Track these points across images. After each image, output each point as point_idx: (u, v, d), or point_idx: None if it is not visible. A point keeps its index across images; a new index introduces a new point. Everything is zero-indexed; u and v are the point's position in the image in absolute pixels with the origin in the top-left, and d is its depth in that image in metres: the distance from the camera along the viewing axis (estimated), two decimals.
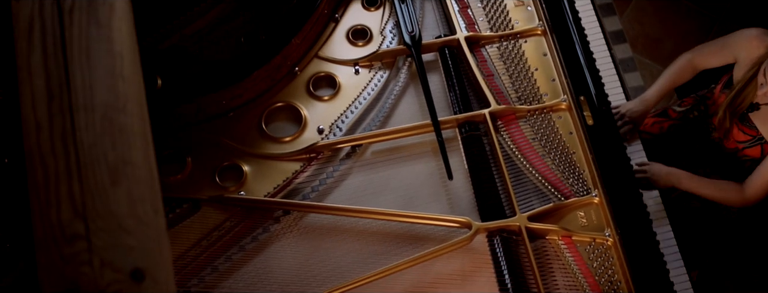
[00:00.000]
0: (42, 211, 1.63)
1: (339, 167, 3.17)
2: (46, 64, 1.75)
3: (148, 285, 1.56)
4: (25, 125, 1.73)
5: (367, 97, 3.28)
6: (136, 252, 1.58)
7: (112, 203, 1.62)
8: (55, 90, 1.71)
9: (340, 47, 3.41)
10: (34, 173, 1.67)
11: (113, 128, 1.69)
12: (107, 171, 1.64)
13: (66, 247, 1.58)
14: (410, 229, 3.04)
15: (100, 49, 1.77)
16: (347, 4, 3.50)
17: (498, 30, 3.42)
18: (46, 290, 1.56)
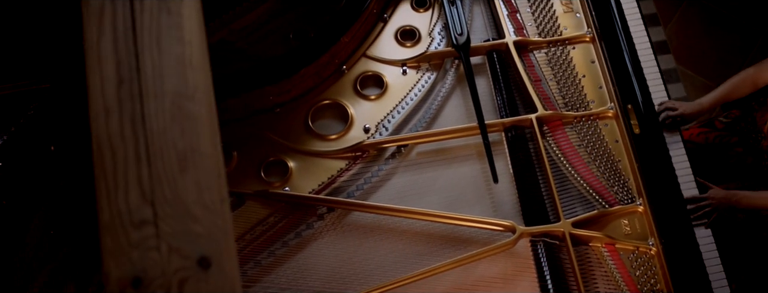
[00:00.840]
0: (109, 195, 1.63)
1: (384, 167, 3.16)
2: (116, 49, 1.75)
3: (213, 273, 1.56)
4: (93, 110, 1.73)
5: (414, 98, 3.28)
6: (203, 239, 1.58)
7: (180, 190, 1.61)
8: (124, 75, 1.72)
9: (388, 47, 3.41)
10: (101, 157, 1.67)
11: (182, 115, 1.69)
12: (176, 158, 1.64)
13: (133, 232, 1.58)
14: (453, 231, 3.04)
15: (171, 37, 1.77)
16: (396, 4, 3.50)
17: (546, 36, 3.42)
18: (113, 274, 1.56)
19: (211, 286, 1.56)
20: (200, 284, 1.55)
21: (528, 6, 3.49)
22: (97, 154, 1.67)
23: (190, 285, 1.55)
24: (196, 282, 1.55)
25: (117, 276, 1.56)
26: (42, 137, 3.21)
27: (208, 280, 1.56)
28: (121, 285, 1.55)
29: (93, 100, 1.72)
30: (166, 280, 1.54)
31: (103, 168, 1.65)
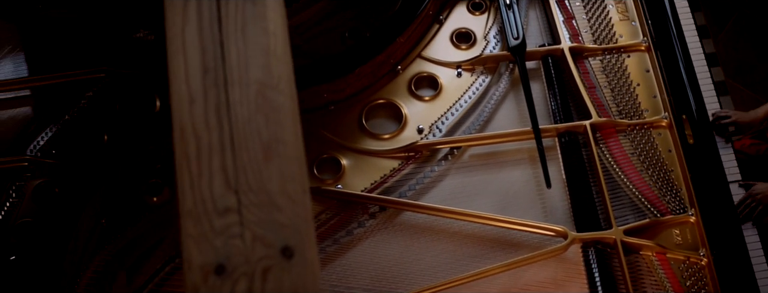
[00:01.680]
0: (192, 182, 1.63)
1: (436, 168, 3.17)
2: (201, 38, 1.76)
3: (296, 263, 1.56)
4: (176, 97, 1.73)
5: (468, 100, 3.29)
6: (286, 229, 1.58)
7: (264, 179, 1.62)
8: (209, 64, 1.72)
9: (443, 49, 3.42)
10: (184, 144, 1.67)
11: (267, 105, 1.69)
12: (260, 147, 1.64)
13: (217, 219, 1.58)
14: (505, 234, 3.04)
15: (256, 27, 1.78)
16: (452, 6, 3.51)
17: (602, 43, 3.42)
18: (195, 260, 1.56)
19: (294, 276, 1.56)
20: (283, 273, 1.56)
21: (584, 13, 3.49)
22: (180, 140, 1.68)
23: (274, 273, 1.55)
24: (279, 271, 1.55)
25: (200, 262, 1.57)
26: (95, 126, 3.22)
27: (291, 270, 1.56)
28: (203, 272, 1.55)
29: (176, 87, 1.72)
30: (250, 268, 1.55)
31: (186, 155, 1.65)
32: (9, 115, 3.38)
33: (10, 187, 3.18)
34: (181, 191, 1.60)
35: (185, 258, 1.56)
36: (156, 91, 3.32)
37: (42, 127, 3.31)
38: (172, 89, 1.70)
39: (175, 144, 1.66)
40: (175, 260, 3.00)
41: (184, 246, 1.57)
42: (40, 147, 3.24)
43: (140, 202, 3.13)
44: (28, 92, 3.43)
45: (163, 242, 3.03)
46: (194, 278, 1.53)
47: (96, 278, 2.98)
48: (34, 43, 3.53)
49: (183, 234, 1.58)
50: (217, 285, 1.50)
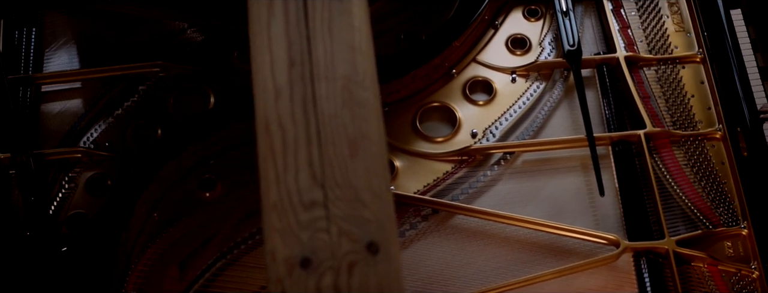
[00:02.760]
0: (278, 175, 1.64)
1: (489, 173, 3.17)
2: (287, 32, 1.77)
3: (381, 259, 1.57)
4: (260, 90, 1.74)
5: (522, 106, 3.28)
6: (372, 225, 1.59)
7: (350, 174, 1.63)
8: (296, 58, 1.73)
9: (498, 54, 3.42)
10: (269, 137, 1.68)
11: (353, 100, 1.70)
12: (346, 143, 1.65)
13: (303, 213, 1.59)
14: (556, 241, 3.03)
15: (342, 22, 1.79)
16: (508, 12, 3.52)
17: (657, 53, 3.41)
18: (280, 253, 1.57)
19: (379, 272, 1.57)
20: (369, 269, 1.56)
21: (639, 23, 3.48)
22: (265, 133, 1.69)
23: (359, 269, 1.56)
24: (364, 267, 1.56)
25: (285, 255, 1.57)
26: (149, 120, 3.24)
27: (376, 266, 1.57)
28: (288, 265, 1.56)
29: (260, 80, 1.73)
30: (336, 262, 1.55)
31: (271, 148, 1.66)
32: (63, 106, 3.40)
33: (63, 178, 3.19)
34: (265, 184, 1.61)
35: (268, 251, 1.57)
36: (210, 87, 3.32)
37: (95, 119, 3.32)
38: (256, 83, 1.71)
39: (259, 137, 1.67)
40: (227, 256, 3.00)
41: (268, 239, 1.58)
42: (94, 140, 3.26)
43: (193, 197, 3.13)
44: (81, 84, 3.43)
45: (215, 237, 3.04)
46: (278, 270, 1.54)
47: (147, 271, 2.98)
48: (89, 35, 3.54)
49: (266, 227, 1.59)
50: (303, 278, 1.51)
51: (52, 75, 3.43)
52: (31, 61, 3.46)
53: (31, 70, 3.45)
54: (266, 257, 1.61)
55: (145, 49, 3.48)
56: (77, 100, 3.42)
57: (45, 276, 2.93)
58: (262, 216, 1.65)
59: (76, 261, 2.92)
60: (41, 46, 3.53)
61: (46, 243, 3.00)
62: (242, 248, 3.03)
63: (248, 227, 3.07)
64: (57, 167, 3.24)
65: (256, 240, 3.05)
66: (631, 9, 3.54)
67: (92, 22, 3.58)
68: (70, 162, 3.25)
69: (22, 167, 3.14)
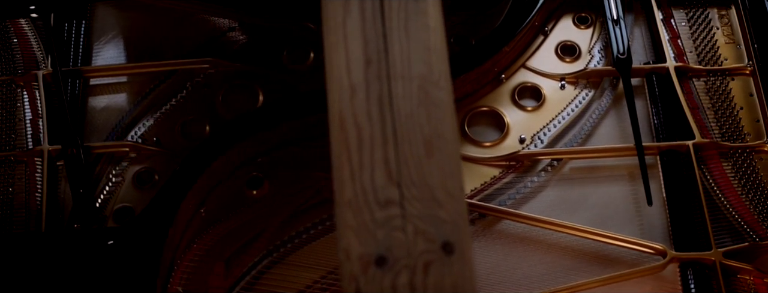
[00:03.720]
0: (353, 172, 1.64)
1: (536, 179, 3.17)
2: (363, 30, 1.77)
3: (456, 259, 1.57)
4: (335, 86, 1.75)
5: (571, 113, 3.28)
6: (447, 225, 1.59)
7: (426, 174, 1.62)
8: (372, 56, 1.73)
9: (548, 60, 3.42)
10: (344, 134, 1.68)
11: (429, 100, 1.70)
12: (422, 142, 1.65)
13: (378, 211, 1.59)
14: (602, 249, 3.03)
15: (418, 22, 1.79)
16: (558, 18, 3.51)
17: (706, 64, 3.39)
18: (355, 250, 1.57)
19: (454, 272, 1.57)
20: (444, 268, 1.56)
21: (689, 33, 3.48)
22: (339, 130, 1.69)
23: (435, 268, 1.56)
24: (440, 267, 1.56)
25: (359, 252, 1.57)
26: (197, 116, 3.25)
27: (451, 266, 1.57)
28: (363, 262, 1.56)
29: (336, 77, 1.74)
30: (412, 261, 1.55)
31: (346, 145, 1.66)
32: (110, 100, 3.42)
33: (110, 172, 3.20)
34: (339, 181, 1.61)
35: (343, 248, 1.57)
36: (259, 85, 3.33)
37: (143, 114, 3.33)
38: (331, 79, 1.71)
39: (333, 134, 1.67)
40: (273, 254, 3.00)
41: (342, 236, 1.58)
42: (141, 134, 3.27)
43: (240, 195, 3.14)
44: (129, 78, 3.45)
45: (262, 235, 3.04)
46: (353, 268, 1.54)
47: (193, 266, 2.99)
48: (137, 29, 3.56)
49: (340, 224, 1.59)
50: (378, 276, 1.50)
51: (101, 68, 3.45)
52: (80, 54, 3.47)
53: (80, 63, 3.46)
54: (340, 254, 1.61)
55: (192, 45, 3.48)
56: (125, 94, 3.44)
57: (91, 269, 2.93)
58: (336, 213, 1.65)
59: (123, 254, 2.92)
60: (90, 40, 3.54)
61: (93, 236, 3.00)
62: (288, 247, 3.04)
63: (295, 226, 3.08)
64: (104, 160, 3.24)
65: (302, 239, 3.05)
66: (681, 19, 3.53)
67: (141, 17, 3.58)
68: (118, 156, 3.24)
69: (71, 159, 3.15)
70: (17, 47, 3.50)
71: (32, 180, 3.20)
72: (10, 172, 3.22)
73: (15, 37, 3.52)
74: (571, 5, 3.54)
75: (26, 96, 3.39)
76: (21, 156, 3.25)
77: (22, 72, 3.44)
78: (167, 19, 3.56)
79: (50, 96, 3.39)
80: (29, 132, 3.30)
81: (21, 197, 3.19)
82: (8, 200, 3.18)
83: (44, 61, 3.45)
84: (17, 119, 3.34)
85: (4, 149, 3.27)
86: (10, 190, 3.19)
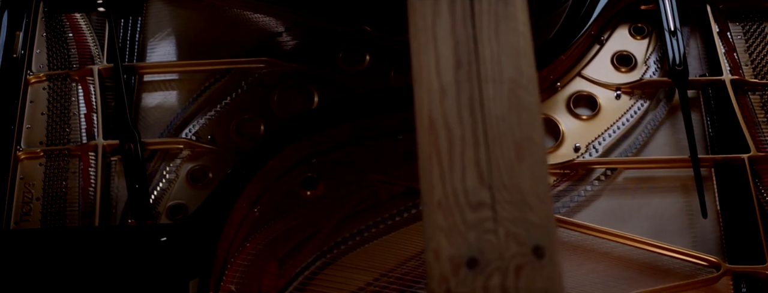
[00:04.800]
0: (443, 174, 1.64)
1: (590, 188, 3.16)
2: (453, 31, 1.77)
3: (546, 263, 1.57)
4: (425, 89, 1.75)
5: (626, 123, 3.28)
6: (537, 229, 1.58)
7: (517, 177, 1.62)
8: (463, 58, 1.73)
9: (603, 70, 3.42)
10: (434, 135, 1.69)
11: (519, 104, 1.70)
12: (513, 146, 1.65)
13: (470, 213, 1.59)
14: (655, 260, 3.03)
15: (508, 26, 1.79)
16: (614, 28, 3.50)
17: (762, 78, 3.38)
18: (445, 252, 1.57)
19: (545, 276, 1.57)
20: (535, 273, 1.56)
21: (745, 47, 3.46)
22: (429, 131, 1.69)
23: (526, 272, 1.56)
24: (531, 270, 1.56)
25: (450, 254, 1.57)
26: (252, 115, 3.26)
27: (542, 270, 1.57)
28: (454, 264, 1.56)
29: (424, 77, 1.74)
30: (504, 264, 1.55)
31: (436, 146, 1.66)
32: (164, 97, 3.43)
33: (164, 168, 3.21)
34: (429, 182, 1.62)
35: (432, 249, 1.57)
36: (315, 86, 3.33)
37: (198, 112, 3.34)
38: (419, 80, 1.71)
39: (421, 135, 1.67)
40: (327, 255, 3.01)
41: (432, 237, 1.58)
42: (196, 132, 3.28)
43: (294, 195, 3.14)
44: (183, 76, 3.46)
45: (316, 236, 3.05)
46: (443, 269, 1.54)
47: (246, 265, 3.00)
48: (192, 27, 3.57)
49: (430, 225, 1.59)
50: (470, 278, 1.51)
51: (156, 65, 3.46)
52: (135, 51, 3.48)
53: (135, 59, 3.47)
54: (428, 255, 1.61)
55: (246, 44, 3.49)
56: (179, 91, 3.45)
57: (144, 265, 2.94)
58: (424, 214, 1.65)
59: (176, 252, 2.93)
60: (145, 36, 3.55)
61: (147, 233, 3.01)
62: (342, 248, 3.04)
63: (349, 227, 3.08)
64: (158, 157, 3.25)
65: (356, 241, 3.06)
66: (738, 33, 3.52)
67: (194, 15, 3.59)
68: (172, 153, 3.25)
69: (128, 155, 3.16)
70: (72, 42, 3.52)
71: (86, 175, 3.21)
72: (64, 166, 3.23)
73: (70, 31, 3.53)
74: (627, 15, 3.53)
75: (81, 90, 3.39)
76: (75, 151, 3.24)
77: (77, 66, 3.43)
78: (221, 18, 3.57)
79: (105, 91, 3.38)
80: (83, 127, 3.31)
81: (74, 191, 3.19)
82: (62, 194, 3.18)
83: (99, 56, 3.45)
84: (71, 113, 3.34)
85: (59, 143, 3.28)
86: (64, 184, 3.19)
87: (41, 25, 3.56)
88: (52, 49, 3.51)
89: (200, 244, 2.93)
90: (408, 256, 3.04)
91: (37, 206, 3.19)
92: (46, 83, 3.43)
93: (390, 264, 3.03)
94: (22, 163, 3.27)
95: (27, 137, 3.33)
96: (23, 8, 3.53)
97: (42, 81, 3.44)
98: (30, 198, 3.20)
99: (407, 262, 3.03)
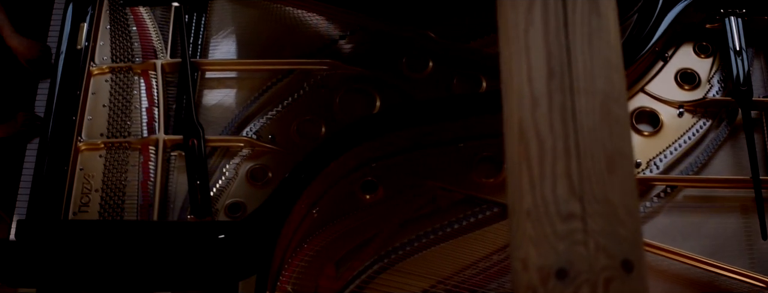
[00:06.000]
0: (533, 184, 1.63)
1: (649, 204, 3.15)
2: (546, 42, 1.77)
3: (634, 277, 1.56)
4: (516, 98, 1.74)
5: (688, 141, 3.26)
6: (626, 243, 1.58)
7: (608, 190, 1.61)
8: (555, 69, 1.73)
9: (666, 87, 3.40)
10: (525, 144, 1.68)
11: (611, 117, 1.69)
12: (604, 158, 1.64)
13: (560, 224, 1.58)
14: (713, 279, 3.03)
15: (600, 39, 1.78)
16: (678, 46, 3.48)
17: None
18: (534, 261, 1.57)
19: (632, 290, 1.56)
20: (624, 286, 1.55)
21: None
22: (519, 141, 1.68)
23: (615, 285, 1.55)
24: (620, 284, 1.55)
25: (539, 264, 1.57)
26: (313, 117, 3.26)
27: (630, 284, 1.56)
28: (542, 274, 1.56)
29: (515, 87, 1.73)
30: (593, 276, 1.54)
31: (526, 155, 1.66)
32: (224, 94, 3.44)
33: (224, 165, 3.22)
34: (518, 191, 1.61)
35: (519, 258, 1.57)
36: (377, 90, 3.33)
37: (259, 111, 3.35)
38: (509, 89, 1.71)
39: (510, 143, 1.67)
40: (384, 260, 3.01)
41: (519, 246, 1.58)
42: (257, 130, 3.28)
43: (352, 198, 3.14)
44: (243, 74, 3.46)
45: (373, 240, 3.05)
46: (531, 278, 1.53)
47: (303, 266, 3.00)
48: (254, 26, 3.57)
49: (518, 234, 1.58)
50: (559, 289, 1.50)
51: (220, 62, 3.47)
52: (198, 48, 3.49)
53: (198, 56, 3.47)
54: (515, 263, 1.61)
55: (309, 46, 3.49)
56: (240, 89, 3.45)
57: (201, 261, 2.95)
58: (511, 222, 1.65)
59: (234, 249, 2.94)
60: (208, 33, 3.56)
61: (206, 229, 3.02)
62: (400, 253, 3.05)
63: (407, 233, 3.08)
64: (219, 154, 3.26)
65: (413, 247, 3.05)
66: None
67: (258, 15, 3.60)
68: (233, 151, 3.26)
69: (191, 150, 3.17)
70: (136, 35, 3.53)
71: (145, 169, 3.22)
72: (124, 159, 3.24)
73: (134, 24, 3.54)
74: (692, 34, 3.50)
75: (143, 84, 3.41)
76: (135, 144, 3.26)
77: (140, 60, 3.44)
78: (284, 19, 3.57)
79: (166, 86, 3.40)
80: (144, 120, 3.33)
81: (133, 184, 3.21)
82: (121, 186, 3.19)
83: (163, 50, 3.46)
84: (133, 106, 3.35)
85: (119, 135, 3.29)
86: (124, 177, 3.21)
87: (105, 18, 3.57)
88: (115, 42, 3.52)
89: (259, 243, 2.94)
90: (465, 264, 3.04)
91: (95, 198, 3.20)
92: (108, 75, 3.44)
93: (447, 272, 3.03)
94: (82, 154, 3.29)
95: (88, 128, 3.34)
96: (88, 0, 3.53)
97: (105, 73, 3.45)
98: (89, 189, 3.21)
99: (464, 270, 3.03)
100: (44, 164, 3.18)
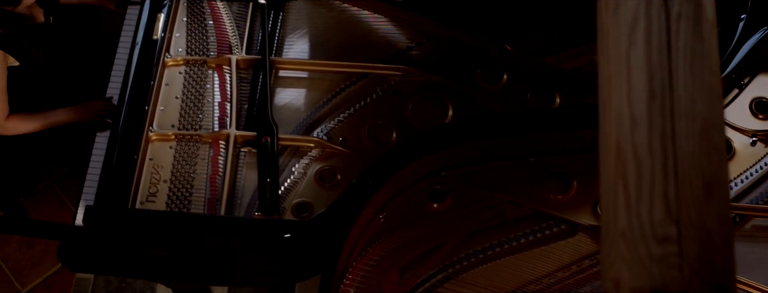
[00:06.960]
0: (629, 204, 1.63)
1: None
2: (648, 63, 1.76)
3: None
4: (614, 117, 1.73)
5: (760, 170, 3.24)
6: (721, 270, 1.57)
7: (705, 216, 1.61)
8: (656, 90, 1.72)
9: (740, 114, 3.37)
10: (622, 165, 1.67)
11: (710, 143, 1.68)
12: (702, 183, 1.63)
13: (655, 246, 1.58)
14: None
15: (702, 64, 1.77)
16: (755, 73, 3.45)
17: None
18: (626, 282, 1.56)
19: None
20: None
21: None
22: (616, 160, 1.68)
23: None
24: None
25: (632, 285, 1.56)
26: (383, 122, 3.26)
27: None
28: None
29: (615, 107, 1.73)
30: None
31: (623, 176, 1.65)
32: (297, 94, 3.44)
33: (294, 165, 3.22)
34: (612, 211, 1.60)
35: (611, 278, 1.57)
36: (450, 100, 3.33)
37: (331, 112, 3.36)
38: (608, 108, 1.70)
39: (606, 162, 1.66)
40: (448, 270, 3.00)
41: (611, 266, 1.57)
42: (327, 132, 3.29)
43: (420, 206, 3.14)
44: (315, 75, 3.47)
45: (439, 249, 3.05)
46: None
47: (368, 270, 3.00)
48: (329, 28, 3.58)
49: (611, 254, 1.58)
50: None
51: (295, 62, 3.48)
52: (274, 46, 3.51)
53: (272, 54, 3.48)
54: (606, 283, 1.60)
55: (384, 51, 3.50)
56: (312, 90, 3.46)
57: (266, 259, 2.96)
58: (603, 242, 1.64)
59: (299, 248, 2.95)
60: (284, 32, 3.57)
61: (273, 227, 3.03)
62: (465, 264, 3.04)
63: (473, 244, 3.07)
64: (289, 153, 3.27)
65: (479, 259, 3.05)
66: None
67: (334, 16, 3.61)
68: (302, 151, 3.27)
69: (263, 147, 3.18)
70: (212, 29, 3.55)
71: (215, 163, 3.23)
72: (194, 152, 3.25)
73: (210, 19, 3.56)
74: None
75: (217, 78, 3.42)
76: (206, 137, 3.27)
77: (215, 54, 3.46)
78: (360, 22, 3.58)
79: (240, 82, 3.41)
80: (216, 115, 3.34)
81: (202, 178, 3.22)
82: (189, 179, 3.20)
83: (238, 46, 3.48)
84: (205, 100, 3.37)
85: (190, 128, 3.31)
86: (193, 169, 3.22)
87: (183, 10, 3.59)
88: (191, 35, 3.54)
89: (326, 244, 2.94)
90: (529, 279, 3.04)
91: (163, 188, 3.21)
92: (182, 67, 3.46)
93: (510, 286, 3.02)
94: (152, 144, 3.30)
95: (160, 119, 3.36)
96: None
97: (179, 65, 3.46)
98: (157, 180, 3.23)
99: (528, 285, 3.02)
100: (114, 152, 3.18)
